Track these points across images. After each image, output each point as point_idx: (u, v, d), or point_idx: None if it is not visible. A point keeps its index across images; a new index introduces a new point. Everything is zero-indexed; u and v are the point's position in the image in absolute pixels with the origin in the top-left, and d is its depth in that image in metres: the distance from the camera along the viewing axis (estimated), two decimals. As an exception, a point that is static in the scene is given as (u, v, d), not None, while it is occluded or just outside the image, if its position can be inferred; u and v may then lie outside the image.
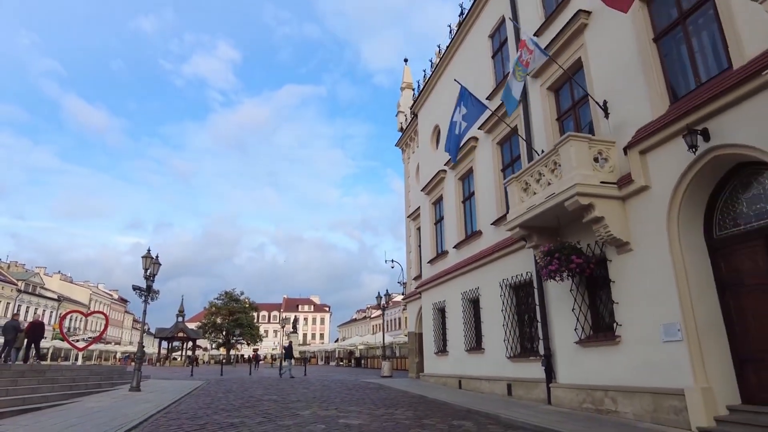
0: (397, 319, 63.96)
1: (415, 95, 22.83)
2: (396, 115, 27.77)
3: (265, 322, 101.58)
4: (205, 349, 71.47)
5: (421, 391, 13.68)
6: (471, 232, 15.18)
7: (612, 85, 9.06)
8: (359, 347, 49.09)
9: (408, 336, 23.82)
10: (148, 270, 15.13)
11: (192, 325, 62.30)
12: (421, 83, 21.34)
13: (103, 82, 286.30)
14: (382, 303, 28.24)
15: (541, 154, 10.08)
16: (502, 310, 12.54)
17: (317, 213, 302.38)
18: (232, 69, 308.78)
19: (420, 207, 21.17)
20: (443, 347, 16.78)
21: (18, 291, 58.62)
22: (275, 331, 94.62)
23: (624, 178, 8.34)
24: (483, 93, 13.83)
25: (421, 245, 20.80)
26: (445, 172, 17.44)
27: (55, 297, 66.77)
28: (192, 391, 14.06)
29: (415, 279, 22.03)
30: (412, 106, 23.34)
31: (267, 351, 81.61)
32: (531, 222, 9.74)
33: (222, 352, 65.94)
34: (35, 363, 16.77)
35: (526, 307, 11.98)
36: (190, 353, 50.18)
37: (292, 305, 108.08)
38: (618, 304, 8.47)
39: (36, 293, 63.02)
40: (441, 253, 17.65)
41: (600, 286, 9.21)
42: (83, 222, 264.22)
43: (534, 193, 9.55)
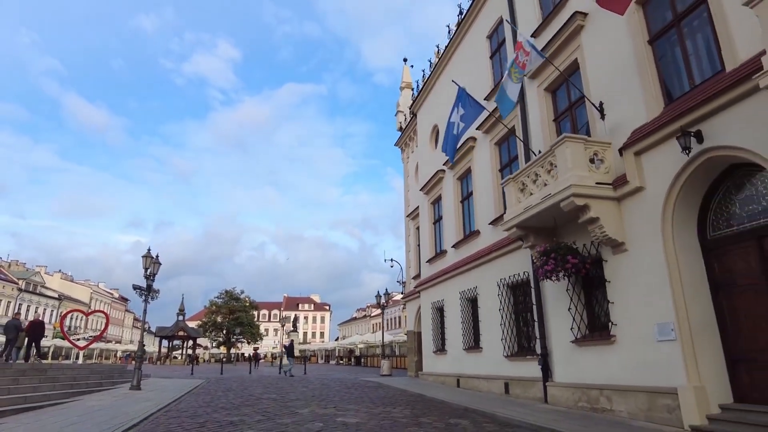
0: (397, 318, 64.10)
1: (414, 95, 22.89)
2: (395, 115, 27.83)
3: (266, 320, 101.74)
4: (206, 348, 71.64)
5: (420, 390, 13.77)
6: (469, 231, 15.27)
7: (608, 87, 9.12)
8: (359, 346, 49.21)
9: (407, 335, 23.92)
10: (148, 269, 15.22)
11: (192, 324, 62.42)
12: (421, 83, 21.40)
13: (104, 80, 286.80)
14: (381, 302, 28.34)
15: (538, 154, 10.15)
16: (499, 309, 12.63)
17: (318, 212, 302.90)
18: (232, 68, 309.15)
19: (419, 206, 21.25)
20: (442, 346, 16.87)
21: (19, 290, 58.78)
22: (275, 330, 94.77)
23: (619, 179, 8.41)
24: (481, 93, 13.89)
25: (420, 244, 20.89)
26: (444, 171, 17.52)
27: (56, 296, 66.94)
28: (192, 390, 14.17)
29: (415, 278, 22.12)
30: (411, 105, 23.40)
31: (267, 350, 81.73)
32: (528, 222, 9.82)
33: (222, 350, 66.07)
34: (36, 362, 16.87)
35: (523, 307, 12.07)
36: (190, 352, 50.37)
37: (292, 304, 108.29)
38: (613, 303, 8.55)
39: (37, 292, 63.19)
40: (440, 253, 17.74)
41: (596, 285, 9.28)
42: (84, 221, 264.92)
43: (531, 194, 9.62)
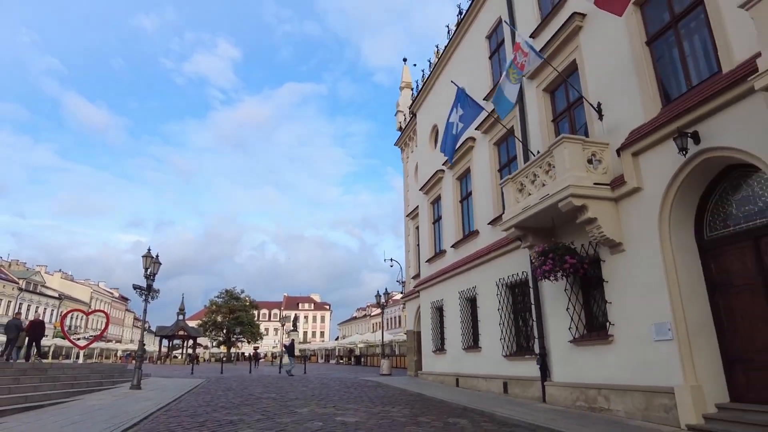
0: (397, 318, 64.15)
1: (414, 95, 22.92)
2: (395, 115, 27.87)
3: (266, 320, 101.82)
4: (206, 347, 71.71)
5: (419, 389, 13.82)
6: (468, 231, 15.31)
7: (606, 87, 9.16)
8: (359, 345, 49.26)
9: (407, 334, 23.97)
10: (148, 269, 15.26)
11: (193, 324, 62.53)
12: (420, 83, 21.44)
13: (104, 80, 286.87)
14: (381, 302, 28.40)
15: (537, 155, 10.18)
16: (498, 309, 12.68)
17: (318, 211, 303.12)
18: (232, 67, 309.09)
19: (418, 206, 21.29)
20: (441, 345, 16.92)
21: (19, 289, 58.86)
22: (275, 330, 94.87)
23: (617, 179, 8.44)
24: (480, 94, 13.92)
25: (420, 244, 20.93)
26: (443, 171, 17.56)
27: (56, 295, 67.03)
28: (192, 389, 14.21)
29: (414, 278, 22.17)
30: (410, 105, 23.44)
31: (267, 349, 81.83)
32: (526, 222, 9.86)
33: (222, 350, 66.13)
34: (36, 361, 16.93)
35: (522, 306, 12.11)
36: (190, 351, 50.42)
37: (292, 303, 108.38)
38: (611, 303, 8.59)
39: (37, 292, 63.29)
40: (439, 253, 17.78)
41: (594, 285, 9.32)
42: (84, 220, 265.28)
43: (529, 194, 9.66)
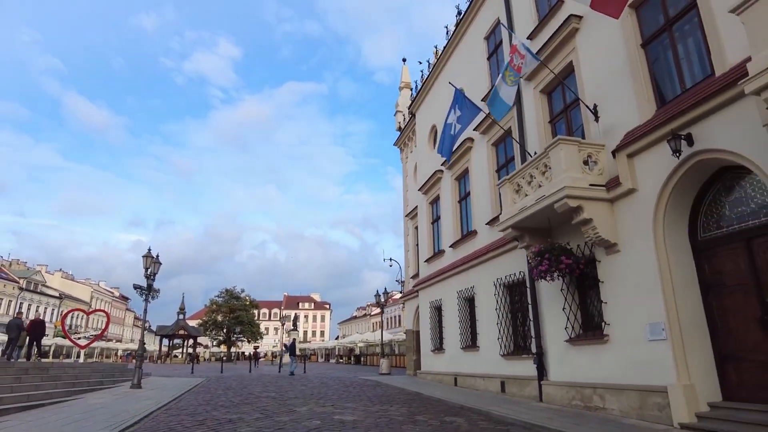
0: (397, 317, 64.23)
1: (413, 95, 22.99)
2: (394, 115, 27.96)
3: (266, 319, 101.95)
4: (206, 347, 71.86)
5: (417, 388, 13.91)
6: (467, 231, 15.39)
7: (602, 89, 9.24)
8: (359, 345, 49.35)
9: (406, 334, 24.06)
10: (148, 269, 15.35)
11: (193, 323, 62.65)
12: (419, 83, 21.51)
13: (104, 79, 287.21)
14: (380, 301, 28.49)
15: (534, 156, 10.26)
16: (496, 308, 12.77)
17: (318, 210, 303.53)
18: (232, 66, 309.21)
19: (417, 206, 21.38)
20: (440, 345, 17.01)
21: (20, 289, 58.98)
22: (276, 329, 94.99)
23: (612, 180, 8.53)
24: (479, 94, 14.00)
25: (419, 244, 21.02)
26: (442, 172, 17.64)
27: (57, 295, 67.13)
28: (192, 389, 14.31)
29: (413, 277, 22.26)
30: (410, 106, 23.51)
31: (267, 348, 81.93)
32: (523, 223, 9.94)
33: (223, 349, 66.23)
34: (37, 361, 17.03)
35: (519, 306, 12.19)
36: (190, 351, 50.53)
37: (292, 303, 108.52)
38: (606, 303, 8.68)
39: (37, 291, 63.40)
40: (438, 252, 17.87)
41: (590, 286, 9.41)
42: (84, 219, 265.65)
43: (526, 195, 9.75)
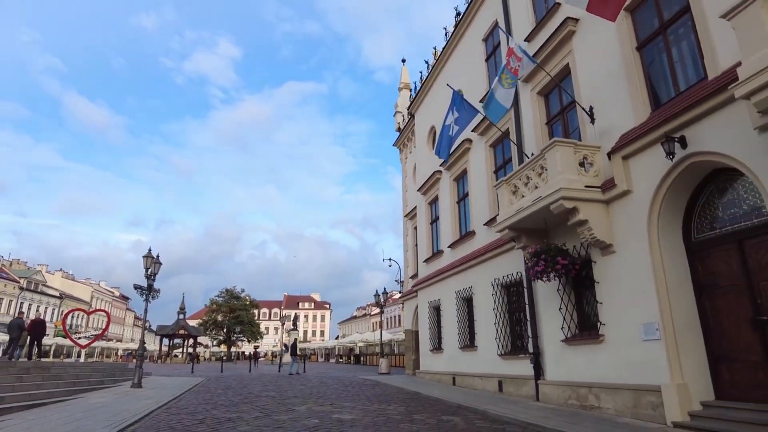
0: (397, 317, 64.34)
1: (412, 96, 23.07)
2: (394, 115, 28.05)
3: (266, 319, 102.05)
4: (206, 347, 71.90)
5: (416, 388, 14.00)
6: (465, 232, 15.49)
7: (598, 91, 9.33)
8: (359, 344, 49.46)
9: (405, 333, 24.16)
10: (149, 269, 15.45)
11: (193, 323, 62.75)
12: (419, 84, 21.60)
13: (104, 79, 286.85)
14: (380, 301, 28.58)
15: (531, 157, 10.35)
16: (493, 308, 12.86)
17: (318, 210, 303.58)
18: (233, 66, 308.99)
19: (416, 207, 21.48)
20: (438, 345, 17.11)
21: (20, 288, 59.05)
22: (276, 329, 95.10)
23: (608, 182, 8.62)
24: (477, 96, 14.06)
25: (418, 244, 21.12)
26: (441, 172, 17.73)
27: (57, 294, 67.21)
28: (192, 388, 14.40)
29: (412, 278, 22.36)
30: (409, 106, 23.60)
31: (267, 348, 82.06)
32: (520, 224, 10.03)
33: (223, 349, 66.35)
34: (37, 361, 17.13)
35: (516, 306, 12.29)
36: (191, 350, 50.62)
37: (292, 302, 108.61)
38: (602, 304, 8.77)
39: (38, 291, 63.47)
40: (436, 253, 17.97)
41: (586, 286, 9.49)
42: (84, 219, 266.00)
43: (522, 196, 9.83)
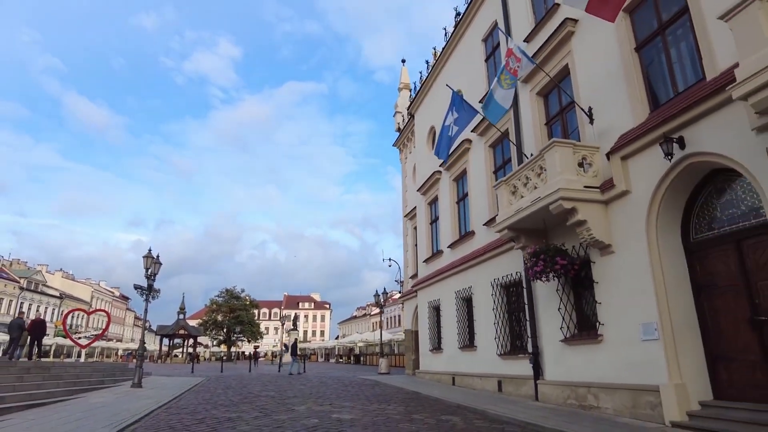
0: (397, 317, 64.37)
1: (412, 96, 23.09)
2: (393, 116, 28.07)
3: (266, 319, 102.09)
4: (206, 347, 71.93)
5: (416, 388, 14.03)
6: (465, 232, 15.51)
7: (597, 92, 9.35)
8: (359, 344, 49.49)
9: (405, 333, 24.18)
10: (149, 269, 15.47)
11: (193, 323, 62.77)
12: (418, 84, 21.61)
13: (104, 79, 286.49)
14: (380, 301, 28.61)
15: (530, 157, 10.37)
16: (493, 308, 12.88)
17: (318, 210, 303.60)
18: (233, 66, 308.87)
19: (416, 207, 21.50)
20: (438, 345, 17.13)
21: (20, 288, 59.09)
22: (276, 329, 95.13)
23: (607, 182, 8.64)
24: (476, 96, 14.08)
25: (418, 244, 21.14)
26: (441, 173, 17.75)
27: (57, 294, 67.25)
28: (192, 388, 14.42)
29: (412, 278, 22.38)
30: (408, 107, 23.62)
31: (267, 348, 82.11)
32: (519, 224, 10.06)
33: (223, 349, 66.39)
34: (37, 360, 17.16)
35: (516, 306, 12.32)
36: (191, 350, 50.66)
37: (292, 302, 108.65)
38: (601, 304, 8.79)
39: (38, 291, 63.51)
40: (436, 253, 17.99)
41: (585, 286, 9.52)
42: (84, 219, 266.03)
43: (521, 197, 9.85)
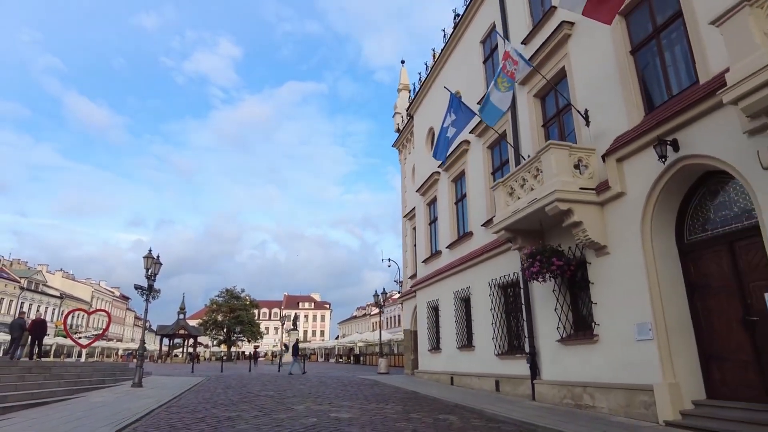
0: (397, 317, 64.46)
1: (411, 97, 23.18)
2: (393, 116, 28.15)
3: (266, 319, 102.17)
4: (206, 346, 72.02)
5: (414, 387, 14.12)
6: (463, 233, 15.60)
7: (593, 94, 9.44)
8: (358, 344, 49.62)
9: (404, 333, 24.27)
10: (149, 270, 15.56)
11: (193, 323, 62.90)
12: (417, 85, 21.69)
13: (105, 79, 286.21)
14: (379, 301, 28.70)
15: (527, 159, 10.46)
16: (491, 309, 12.98)
17: (318, 210, 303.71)
18: (233, 66, 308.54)
19: (415, 207, 21.60)
20: (436, 344, 17.22)
21: (21, 288, 59.18)
22: (276, 329, 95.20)
23: (602, 184, 8.73)
24: (475, 98, 14.19)
25: (417, 245, 21.24)
26: (439, 174, 17.85)
27: (58, 294, 67.34)
28: (192, 387, 14.52)
29: (411, 278, 22.47)
30: (408, 108, 23.70)
31: (267, 348, 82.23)
32: (516, 225, 10.15)
33: (223, 349, 66.49)
34: (38, 360, 17.26)
35: (513, 307, 12.42)
36: (191, 350, 50.76)
37: (292, 302, 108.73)
38: (596, 304, 8.88)
39: (38, 291, 63.60)
40: (435, 253, 18.08)
41: (581, 287, 9.61)
42: (85, 219, 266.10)
43: (518, 198, 9.95)
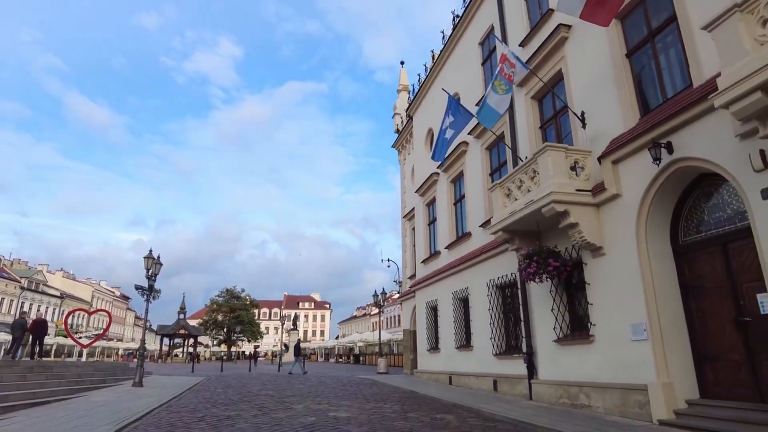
0: (396, 317, 64.58)
1: (411, 98, 23.27)
2: (392, 117, 28.24)
3: (266, 319, 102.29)
4: (206, 346, 72.15)
5: (413, 387, 14.22)
6: (461, 233, 15.69)
7: (590, 97, 9.53)
8: (358, 344, 49.73)
9: (403, 333, 24.37)
10: (149, 270, 15.65)
11: (193, 322, 63.02)
12: (417, 86, 21.78)
13: (105, 79, 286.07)
14: (379, 301, 28.80)
15: (524, 161, 10.55)
16: (489, 309, 13.07)
17: (319, 210, 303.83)
18: (233, 66, 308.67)
19: (414, 208, 21.68)
20: (435, 344, 17.32)
21: (21, 288, 59.30)
22: (276, 328, 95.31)
23: (598, 186, 8.83)
24: (473, 99, 14.30)
25: (416, 245, 21.33)
26: (438, 174, 17.94)
27: (58, 294, 67.46)
28: (192, 387, 14.61)
29: (410, 278, 22.56)
30: (407, 108, 23.80)
31: (267, 348, 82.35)
32: (513, 226, 10.24)
33: (223, 349, 66.61)
34: (39, 360, 17.36)
35: (511, 307, 12.50)
36: (191, 350, 50.87)
37: (292, 302, 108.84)
38: (592, 305, 8.97)
39: (39, 290, 63.72)
40: (434, 254, 18.17)
41: (577, 287, 9.70)
42: (85, 219, 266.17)
43: (515, 199, 10.04)
